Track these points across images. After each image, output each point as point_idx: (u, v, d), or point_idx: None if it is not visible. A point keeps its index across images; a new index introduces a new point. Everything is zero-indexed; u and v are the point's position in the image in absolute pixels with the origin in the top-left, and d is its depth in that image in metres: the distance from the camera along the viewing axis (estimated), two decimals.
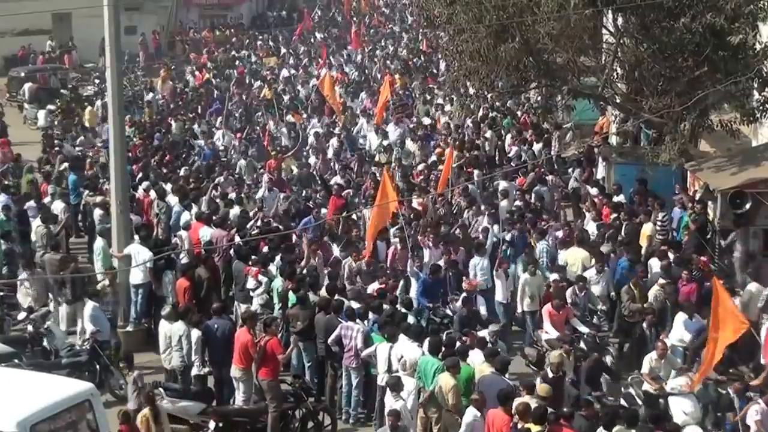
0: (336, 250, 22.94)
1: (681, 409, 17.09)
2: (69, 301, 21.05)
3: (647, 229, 23.11)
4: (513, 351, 20.46)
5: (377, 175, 28.21)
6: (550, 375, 17.10)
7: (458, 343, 17.86)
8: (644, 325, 20.07)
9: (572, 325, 19.86)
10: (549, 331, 19.66)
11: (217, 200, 26.60)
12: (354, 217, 25.56)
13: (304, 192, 28.40)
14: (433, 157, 30.85)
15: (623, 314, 20.66)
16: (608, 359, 19.29)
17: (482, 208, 25.09)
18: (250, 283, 21.15)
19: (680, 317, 19.58)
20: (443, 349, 17.24)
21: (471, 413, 15.77)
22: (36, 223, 24.45)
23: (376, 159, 31.80)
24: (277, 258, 22.06)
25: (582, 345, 19.11)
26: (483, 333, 18.96)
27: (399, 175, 28.83)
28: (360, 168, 31.00)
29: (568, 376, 17.72)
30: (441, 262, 21.67)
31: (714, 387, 17.62)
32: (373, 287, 20.99)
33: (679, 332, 19.47)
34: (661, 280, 20.79)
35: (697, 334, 19.07)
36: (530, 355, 20.02)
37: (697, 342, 18.95)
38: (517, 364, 19.50)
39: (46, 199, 26.91)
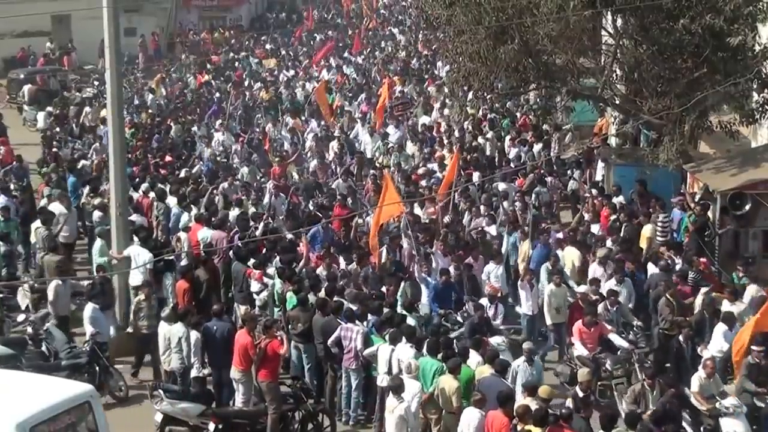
0: (342, 263, 22.56)
1: (733, 429, 16.75)
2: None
3: (647, 230, 23.10)
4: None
5: (377, 178, 28.25)
6: (580, 394, 16.56)
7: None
8: (680, 338, 18.86)
9: (610, 341, 19.09)
10: (579, 350, 18.99)
11: (217, 202, 26.62)
12: (360, 220, 25.40)
13: (310, 202, 27.74)
14: (433, 164, 30.38)
15: (662, 328, 19.69)
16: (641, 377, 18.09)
17: (482, 209, 25.10)
18: (254, 286, 21.14)
19: (720, 328, 18.87)
20: (442, 350, 17.22)
21: (476, 414, 15.75)
22: (35, 225, 24.44)
23: (377, 161, 31.72)
24: (276, 259, 22.07)
25: (608, 366, 18.53)
26: (494, 340, 18.79)
27: (398, 179, 28.76)
28: (359, 171, 30.85)
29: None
30: (451, 268, 21.42)
31: (751, 397, 17.36)
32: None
33: (718, 344, 18.72)
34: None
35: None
36: (563, 373, 19.04)
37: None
38: (547, 379, 18.43)
39: (43, 201, 26.88)
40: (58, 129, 37.57)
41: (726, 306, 19.54)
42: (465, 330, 19.39)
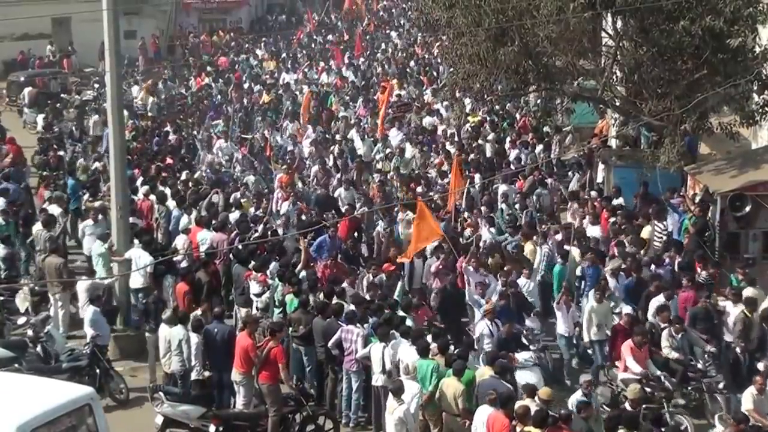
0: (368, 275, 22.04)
1: None
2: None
3: (645, 232, 23.09)
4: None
5: (384, 184, 28.19)
6: (629, 410, 16.17)
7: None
8: (737, 350, 18.47)
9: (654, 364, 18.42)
10: (632, 368, 18.00)
11: (217, 203, 26.60)
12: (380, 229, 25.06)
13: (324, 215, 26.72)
14: (433, 172, 30.24)
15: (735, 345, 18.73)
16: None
17: (482, 210, 25.11)
18: (255, 289, 21.13)
19: None
20: (430, 349, 17.25)
21: (489, 411, 15.71)
22: (37, 227, 24.45)
23: (378, 167, 31.56)
24: (274, 262, 22.10)
25: (666, 384, 17.89)
26: (521, 356, 18.44)
27: (397, 184, 28.65)
28: (359, 177, 30.60)
29: None
30: (498, 285, 20.64)
31: None
32: None
33: None
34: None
35: None
36: (603, 395, 18.04)
37: None
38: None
39: (45, 204, 26.90)
40: (56, 129, 37.54)
41: (730, 307, 19.52)
42: (492, 344, 18.80)
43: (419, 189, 27.90)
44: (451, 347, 17.76)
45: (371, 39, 55.81)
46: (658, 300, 19.76)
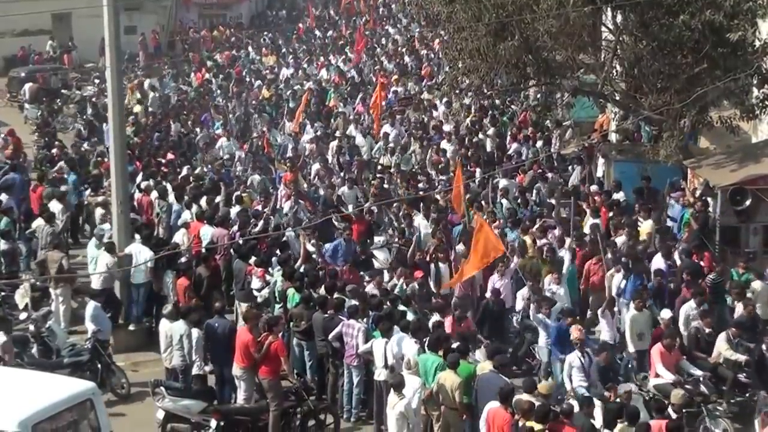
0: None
1: None
2: None
3: (647, 226, 23.10)
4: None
5: (384, 181, 27.96)
6: (673, 416, 15.83)
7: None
8: (763, 346, 18.18)
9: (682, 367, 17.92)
10: (662, 374, 17.58)
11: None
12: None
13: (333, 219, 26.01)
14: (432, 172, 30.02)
15: None
16: None
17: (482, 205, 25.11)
18: (256, 283, 21.16)
19: None
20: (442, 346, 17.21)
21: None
22: (38, 222, 24.45)
23: (380, 162, 31.45)
24: (274, 259, 22.13)
25: (703, 388, 17.42)
26: (624, 387, 17.18)
27: (398, 180, 28.56)
28: (359, 174, 30.25)
29: None
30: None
31: None
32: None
33: None
34: None
35: None
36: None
37: None
38: None
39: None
40: (53, 125, 37.54)
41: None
42: (592, 374, 17.52)
43: (420, 186, 27.89)
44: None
45: (371, 35, 55.67)
46: (690, 306, 19.36)
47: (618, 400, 16.33)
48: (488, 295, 20.85)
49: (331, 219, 25.18)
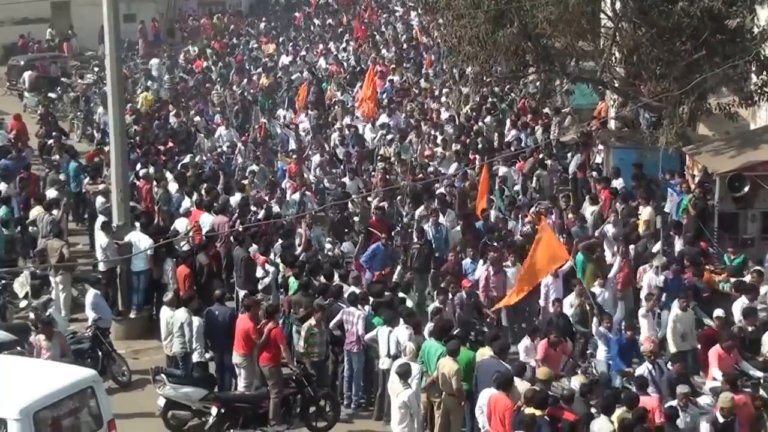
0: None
1: None
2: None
3: (645, 213, 23.13)
4: None
5: (387, 172, 27.62)
6: (720, 420, 15.33)
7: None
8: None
9: (742, 369, 17.19)
10: (717, 376, 16.88)
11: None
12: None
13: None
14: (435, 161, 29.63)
15: None
16: None
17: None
18: (258, 272, 21.20)
19: None
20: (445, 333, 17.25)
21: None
22: (37, 210, 24.45)
23: (381, 152, 31.29)
24: (277, 244, 22.17)
25: (762, 392, 16.62)
26: (703, 400, 16.41)
27: (399, 170, 28.46)
28: (359, 165, 29.86)
29: None
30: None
31: None
32: None
33: None
34: None
35: None
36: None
37: None
38: None
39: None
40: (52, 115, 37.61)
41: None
42: (663, 385, 16.77)
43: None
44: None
45: (369, 23, 55.47)
46: (742, 302, 18.89)
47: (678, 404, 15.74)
48: (542, 301, 19.95)
49: (346, 217, 25.07)
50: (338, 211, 24.98)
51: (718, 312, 18.43)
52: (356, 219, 25.19)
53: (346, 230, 24.56)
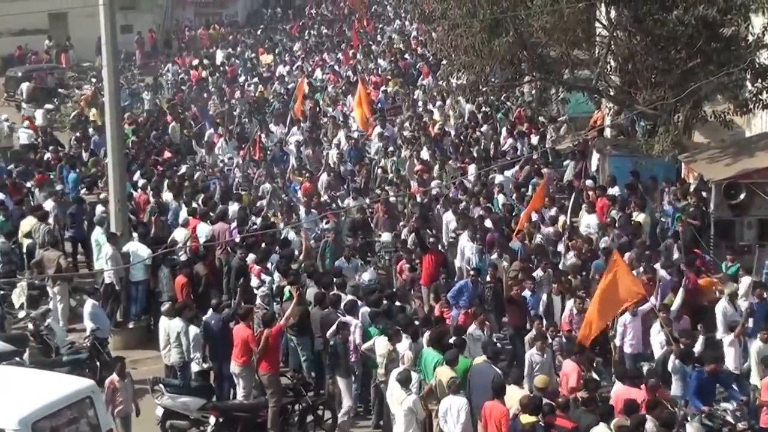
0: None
1: None
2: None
3: (640, 219, 23.16)
4: None
5: (389, 193, 27.11)
6: None
7: None
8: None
9: None
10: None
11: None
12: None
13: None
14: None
15: None
16: None
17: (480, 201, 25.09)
18: (253, 282, 21.24)
19: None
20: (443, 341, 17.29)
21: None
22: (31, 221, 24.42)
23: (381, 164, 30.96)
24: (274, 255, 22.20)
25: None
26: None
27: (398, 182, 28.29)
28: (365, 185, 29.41)
29: None
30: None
31: None
32: None
33: None
34: None
35: None
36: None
37: None
38: None
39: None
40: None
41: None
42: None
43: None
44: None
45: (365, 33, 55.57)
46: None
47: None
48: (618, 341, 18.75)
49: (372, 242, 24.57)
50: (362, 237, 24.25)
51: None
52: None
53: (368, 255, 24.11)
